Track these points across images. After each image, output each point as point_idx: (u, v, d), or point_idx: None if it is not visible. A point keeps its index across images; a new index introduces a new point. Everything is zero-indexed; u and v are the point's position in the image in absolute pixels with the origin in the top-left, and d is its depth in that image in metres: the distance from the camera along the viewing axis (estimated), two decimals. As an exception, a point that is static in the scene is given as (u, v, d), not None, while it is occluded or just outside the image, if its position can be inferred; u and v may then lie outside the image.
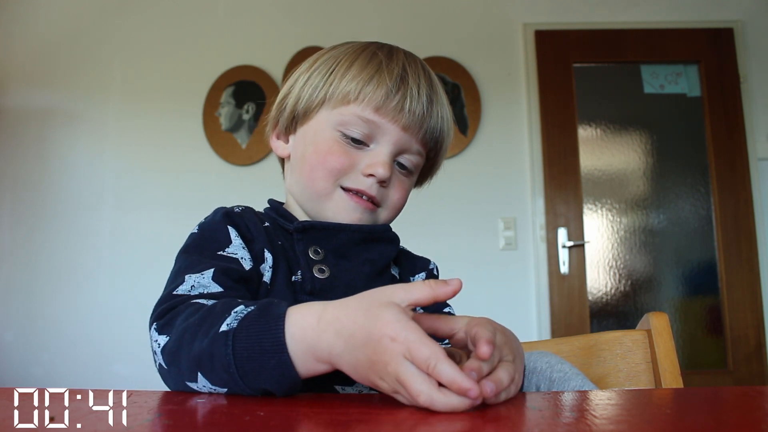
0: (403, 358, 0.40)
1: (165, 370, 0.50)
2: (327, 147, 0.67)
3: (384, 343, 0.40)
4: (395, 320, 0.41)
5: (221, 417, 0.38)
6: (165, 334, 0.51)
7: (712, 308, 2.59)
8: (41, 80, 2.73)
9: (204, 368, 0.46)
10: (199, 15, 2.77)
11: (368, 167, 0.67)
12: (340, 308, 0.44)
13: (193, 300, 0.53)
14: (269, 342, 0.44)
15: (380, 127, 0.67)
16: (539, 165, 2.64)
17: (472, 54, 2.71)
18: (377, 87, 0.66)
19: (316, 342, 0.43)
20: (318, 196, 0.68)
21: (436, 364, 0.39)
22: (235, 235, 0.63)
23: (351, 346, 0.42)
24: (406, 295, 0.43)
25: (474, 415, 0.39)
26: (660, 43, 2.71)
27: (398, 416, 0.39)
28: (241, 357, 0.44)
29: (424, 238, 2.59)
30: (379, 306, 0.42)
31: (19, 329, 2.55)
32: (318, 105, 0.69)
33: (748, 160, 2.62)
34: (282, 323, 0.45)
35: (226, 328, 0.46)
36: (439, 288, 0.43)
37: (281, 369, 0.44)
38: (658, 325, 0.79)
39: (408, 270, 0.76)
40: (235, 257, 0.61)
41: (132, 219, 2.60)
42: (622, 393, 0.49)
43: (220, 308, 0.49)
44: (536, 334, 2.53)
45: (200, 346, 0.47)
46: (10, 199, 2.66)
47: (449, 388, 0.38)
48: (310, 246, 0.66)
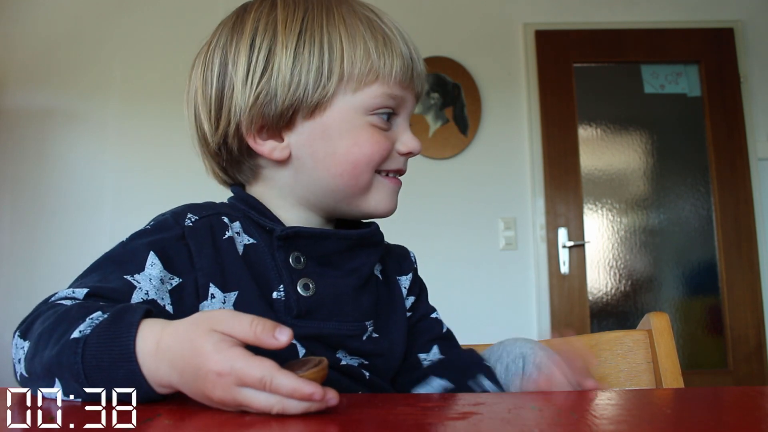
0: (237, 387, 0.38)
1: (26, 379, 0.46)
2: (366, 137, 0.59)
3: (212, 380, 0.38)
4: (215, 351, 0.38)
5: (221, 417, 0.38)
6: (27, 339, 0.47)
7: (713, 308, 2.59)
8: (41, 80, 2.73)
9: (56, 376, 0.43)
10: (199, 15, 2.76)
11: (404, 146, 0.62)
12: (172, 336, 0.41)
13: (57, 302, 0.49)
14: (118, 350, 0.41)
15: (404, 100, 0.62)
16: (539, 165, 2.63)
17: (472, 54, 2.71)
18: (395, 58, 0.60)
19: (155, 371, 0.41)
20: (360, 192, 0.61)
21: (272, 381, 0.37)
22: (153, 264, 0.54)
23: (185, 380, 0.40)
24: (228, 329, 0.40)
25: (474, 415, 0.38)
26: (660, 43, 2.71)
27: (399, 415, 0.38)
28: (90, 366, 0.41)
29: (424, 238, 2.59)
30: (201, 335, 0.40)
31: (18, 329, 2.55)
32: (331, 91, 0.58)
33: (748, 160, 2.62)
34: (134, 331, 0.41)
35: (78, 335, 0.42)
36: (265, 337, 0.39)
37: (131, 380, 0.41)
38: (659, 325, 0.79)
39: (395, 269, 0.71)
40: (135, 285, 0.52)
41: (132, 219, 2.58)
42: (622, 393, 0.49)
43: (75, 312, 0.45)
44: (536, 334, 2.53)
45: (50, 353, 0.43)
46: (10, 199, 2.65)
47: (293, 397, 0.37)
48: (292, 253, 0.59)
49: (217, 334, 0.40)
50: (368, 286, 0.64)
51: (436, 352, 0.69)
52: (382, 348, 0.63)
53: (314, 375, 0.39)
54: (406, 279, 0.71)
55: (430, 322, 0.72)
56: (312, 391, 0.37)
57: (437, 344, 0.70)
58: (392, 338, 0.65)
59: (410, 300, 0.72)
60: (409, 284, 0.71)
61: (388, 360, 0.64)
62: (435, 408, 0.42)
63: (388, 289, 0.69)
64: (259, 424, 0.36)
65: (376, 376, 0.62)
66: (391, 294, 0.69)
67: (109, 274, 0.53)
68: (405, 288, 0.71)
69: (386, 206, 0.63)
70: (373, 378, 0.62)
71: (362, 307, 0.62)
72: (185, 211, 0.59)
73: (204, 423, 0.38)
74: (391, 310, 0.67)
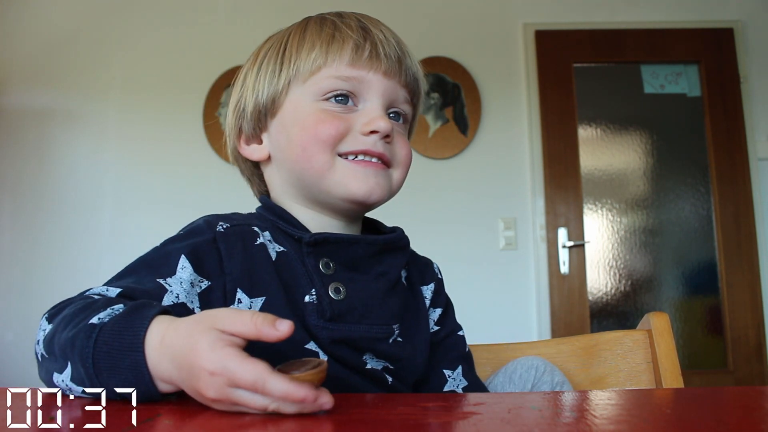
0: (230, 388, 0.38)
1: (45, 359, 0.47)
2: (314, 118, 0.61)
3: (205, 379, 0.38)
4: (209, 349, 0.39)
5: (221, 417, 0.38)
6: (51, 323, 0.48)
7: (712, 308, 2.59)
8: (41, 80, 2.73)
9: (69, 359, 0.44)
10: (199, 15, 2.76)
11: (366, 125, 0.61)
12: (175, 332, 0.41)
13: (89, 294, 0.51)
14: (129, 340, 0.42)
15: (362, 80, 0.62)
16: (539, 165, 2.63)
17: (472, 54, 2.71)
18: (343, 43, 0.62)
19: (158, 365, 0.41)
20: (319, 175, 0.62)
21: (264, 384, 0.37)
22: (184, 267, 0.55)
23: (182, 377, 0.40)
24: (229, 325, 0.40)
25: (474, 415, 0.38)
26: (660, 43, 2.71)
27: (400, 415, 0.38)
28: (101, 352, 0.42)
29: (425, 238, 2.59)
30: (199, 332, 0.40)
31: (19, 329, 2.55)
32: (284, 88, 0.64)
33: (748, 160, 2.62)
34: (147, 323, 0.42)
35: (96, 321, 0.44)
36: (265, 329, 0.39)
37: (134, 370, 0.41)
38: (659, 325, 0.79)
39: (417, 277, 0.72)
40: (166, 288, 0.54)
41: (132, 219, 2.60)
42: (622, 393, 0.49)
43: (102, 303, 0.46)
44: (536, 334, 2.53)
45: (67, 335, 0.44)
46: (10, 199, 2.65)
47: (284, 401, 0.37)
48: (321, 259, 0.60)
49: (216, 332, 0.40)
50: (395, 290, 0.65)
51: (460, 372, 0.71)
52: (405, 352, 0.64)
53: (311, 376, 0.39)
54: (428, 289, 0.73)
55: (456, 338, 0.73)
56: (304, 396, 0.37)
57: (461, 365, 0.71)
58: (415, 344, 0.66)
59: (437, 312, 0.73)
60: (431, 294, 0.73)
61: (410, 365, 0.65)
62: (435, 408, 0.42)
63: (413, 297, 0.70)
64: (259, 425, 0.36)
65: (398, 381, 0.63)
66: (416, 301, 0.70)
67: (143, 278, 0.55)
68: (428, 298, 0.72)
69: (353, 188, 0.61)
70: (395, 383, 0.62)
71: (390, 310, 0.63)
72: (217, 219, 0.61)
73: (204, 423, 0.38)
74: (415, 317, 0.68)
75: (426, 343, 0.68)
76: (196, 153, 2.65)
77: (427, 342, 0.68)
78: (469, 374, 0.71)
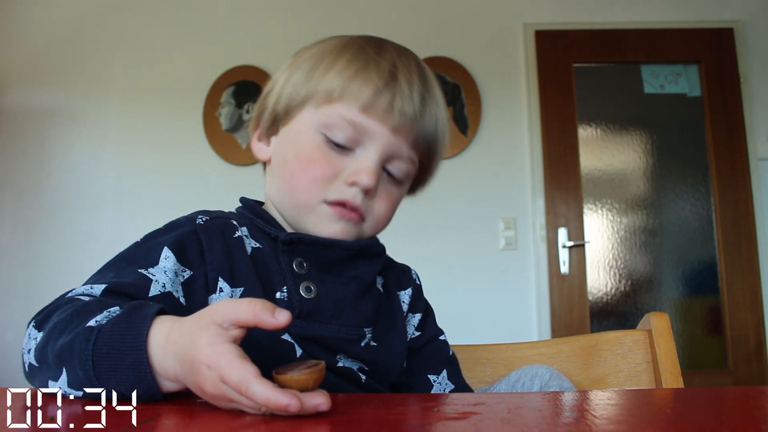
0: (222, 383, 0.38)
1: (35, 368, 0.47)
2: (308, 154, 0.62)
3: (203, 372, 0.39)
4: (208, 344, 0.39)
5: (221, 417, 0.38)
6: (41, 330, 0.48)
7: (713, 308, 2.59)
8: (41, 80, 2.73)
9: (65, 364, 0.44)
10: (199, 15, 2.76)
11: (351, 175, 0.60)
12: (179, 329, 0.42)
13: (75, 296, 0.51)
14: (131, 340, 0.42)
15: (367, 129, 0.61)
16: (539, 165, 2.63)
17: (472, 54, 2.71)
18: (364, 83, 0.60)
19: (162, 362, 0.42)
20: (298, 208, 0.63)
21: (247, 388, 0.37)
22: (167, 257, 0.55)
23: (185, 372, 0.41)
24: (227, 314, 0.40)
25: (474, 415, 0.38)
26: (660, 43, 2.71)
27: (399, 415, 0.38)
28: (100, 353, 0.42)
29: (424, 239, 2.59)
30: (200, 327, 0.41)
31: (19, 329, 2.55)
32: (300, 103, 0.63)
33: (748, 160, 2.62)
34: (148, 323, 0.42)
35: (93, 324, 0.44)
36: (264, 316, 0.40)
37: (136, 369, 0.41)
38: (659, 325, 0.79)
39: (394, 283, 0.72)
40: (150, 278, 0.54)
41: (132, 219, 2.60)
42: (622, 393, 0.49)
43: (94, 306, 0.46)
44: (536, 334, 2.53)
45: (63, 341, 0.44)
46: (10, 199, 2.65)
47: (267, 407, 0.37)
48: (295, 258, 0.61)
49: (215, 327, 0.40)
50: (368, 295, 0.65)
51: (445, 376, 0.71)
52: (379, 357, 0.64)
53: (306, 377, 0.39)
54: (406, 294, 0.73)
55: (439, 344, 0.73)
56: (286, 403, 0.36)
57: (446, 368, 0.72)
58: (391, 349, 0.66)
59: (416, 317, 0.73)
60: (409, 299, 0.73)
61: (385, 368, 0.65)
62: (435, 408, 0.42)
63: (389, 302, 0.70)
64: (259, 425, 0.36)
65: (373, 380, 0.63)
66: (392, 307, 0.70)
67: (123, 270, 0.55)
68: (405, 303, 0.72)
69: (322, 230, 0.62)
70: (369, 381, 0.62)
71: (361, 313, 0.63)
72: (196, 214, 0.62)
73: (204, 423, 0.38)
74: (391, 323, 0.68)
75: (402, 348, 0.68)
76: (196, 153, 2.65)
77: (404, 346, 0.68)
78: (455, 377, 0.71)
